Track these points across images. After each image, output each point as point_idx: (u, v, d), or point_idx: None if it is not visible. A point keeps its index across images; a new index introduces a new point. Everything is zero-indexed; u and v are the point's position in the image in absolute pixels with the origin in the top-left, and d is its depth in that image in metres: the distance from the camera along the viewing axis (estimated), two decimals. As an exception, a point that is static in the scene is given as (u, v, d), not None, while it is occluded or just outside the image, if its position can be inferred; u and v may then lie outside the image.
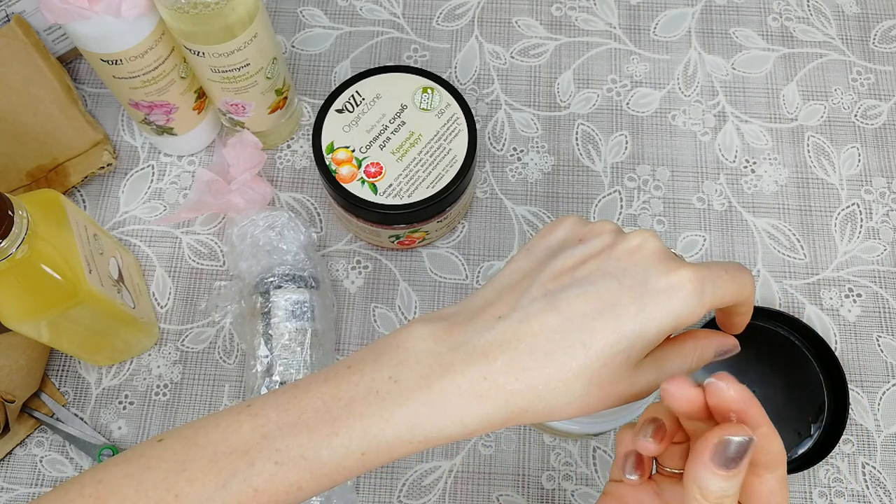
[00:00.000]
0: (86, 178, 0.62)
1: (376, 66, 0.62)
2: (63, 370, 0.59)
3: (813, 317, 0.60)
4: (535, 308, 0.32)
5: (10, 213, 0.43)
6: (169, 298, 0.61)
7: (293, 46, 0.69)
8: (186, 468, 0.31)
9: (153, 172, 0.65)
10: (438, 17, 0.70)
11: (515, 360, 0.31)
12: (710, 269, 0.32)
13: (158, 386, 0.59)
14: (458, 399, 0.31)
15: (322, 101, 0.58)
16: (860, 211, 0.63)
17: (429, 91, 0.57)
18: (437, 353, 0.31)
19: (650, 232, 0.33)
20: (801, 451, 0.56)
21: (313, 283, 0.57)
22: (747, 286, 0.34)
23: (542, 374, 0.31)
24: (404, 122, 0.57)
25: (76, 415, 0.57)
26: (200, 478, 0.31)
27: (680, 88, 0.67)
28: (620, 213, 0.63)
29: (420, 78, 0.58)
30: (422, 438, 0.31)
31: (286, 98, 0.62)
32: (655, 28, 0.70)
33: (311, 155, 0.58)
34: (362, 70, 0.58)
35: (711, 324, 0.57)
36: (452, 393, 0.31)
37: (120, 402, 0.58)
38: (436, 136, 0.56)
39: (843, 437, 0.56)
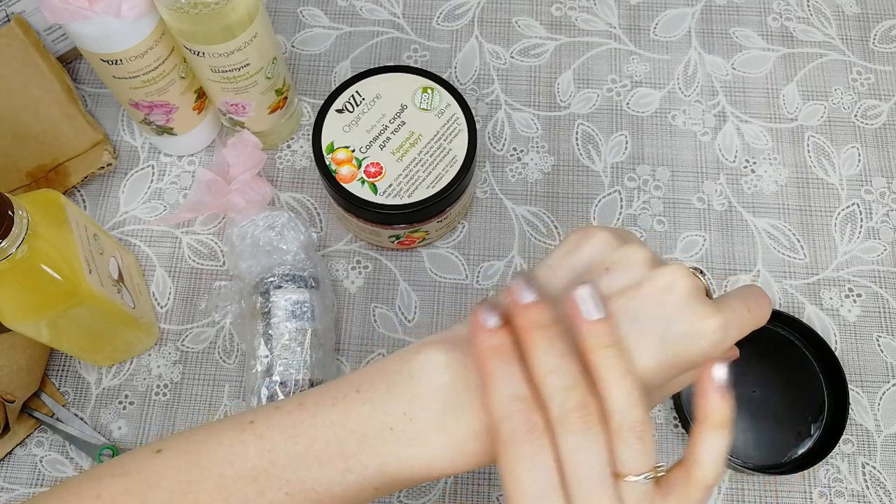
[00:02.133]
0: (86, 178, 0.62)
1: (376, 66, 0.62)
2: (63, 370, 0.59)
3: (813, 317, 0.60)
4: None
5: (10, 213, 0.43)
6: (169, 298, 0.61)
7: (293, 46, 0.69)
8: (191, 490, 0.31)
9: (153, 172, 0.65)
10: (438, 17, 0.70)
11: None
12: (734, 311, 0.32)
13: (158, 386, 0.59)
14: (474, 442, 0.31)
15: (322, 101, 0.58)
16: (860, 211, 0.63)
17: (429, 91, 0.57)
18: (454, 391, 0.31)
19: (682, 270, 0.32)
20: (801, 451, 0.56)
21: (313, 283, 0.57)
22: (765, 317, 0.33)
23: None
24: (404, 122, 0.57)
25: (76, 415, 0.57)
26: (207, 502, 0.30)
27: (680, 88, 0.67)
28: (620, 213, 0.63)
29: (420, 78, 0.58)
30: (436, 475, 0.31)
31: (286, 98, 0.62)
32: (655, 28, 0.70)
33: (311, 155, 0.58)
34: (362, 70, 0.58)
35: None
36: (470, 437, 0.30)
37: (120, 402, 0.58)
38: (436, 136, 0.56)
39: (843, 437, 0.56)
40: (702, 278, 0.33)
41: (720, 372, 0.30)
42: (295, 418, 0.31)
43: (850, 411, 0.58)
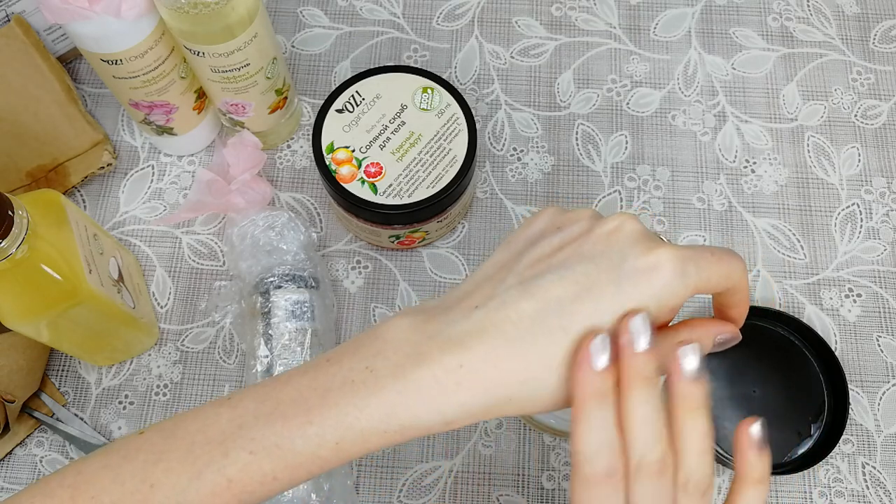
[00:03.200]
0: (86, 178, 0.62)
1: (376, 66, 0.62)
2: (63, 370, 0.59)
3: (813, 317, 0.60)
4: (511, 296, 0.31)
5: (10, 213, 0.43)
6: (169, 298, 0.61)
7: (293, 46, 0.69)
8: (163, 459, 0.32)
9: (153, 172, 0.65)
10: (438, 17, 0.70)
11: (493, 348, 0.30)
12: (693, 249, 0.32)
13: (158, 386, 0.59)
14: (434, 387, 0.30)
15: (322, 101, 0.58)
16: (860, 211, 0.63)
17: (429, 91, 0.57)
18: (414, 342, 0.31)
19: (629, 214, 0.33)
20: (801, 451, 0.56)
21: (313, 283, 0.57)
22: (736, 269, 0.33)
23: (522, 360, 0.30)
24: (404, 122, 0.57)
25: (76, 415, 0.58)
26: (176, 468, 0.31)
27: (680, 88, 0.67)
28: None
29: (420, 78, 0.58)
30: (397, 427, 0.31)
31: (286, 98, 0.62)
32: (655, 28, 0.70)
33: (311, 155, 0.58)
34: (362, 70, 0.58)
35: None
36: (428, 380, 0.30)
37: (120, 402, 0.58)
38: (436, 136, 0.56)
39: (843, 437, 0.56)
40: (660, 236, 0.34)
41: (756, 429, 0.31)
42: (267, 387, 0.33)
43: (850, 411, 0.58)
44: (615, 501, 0.30)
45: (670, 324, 0.35)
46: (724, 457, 0.55)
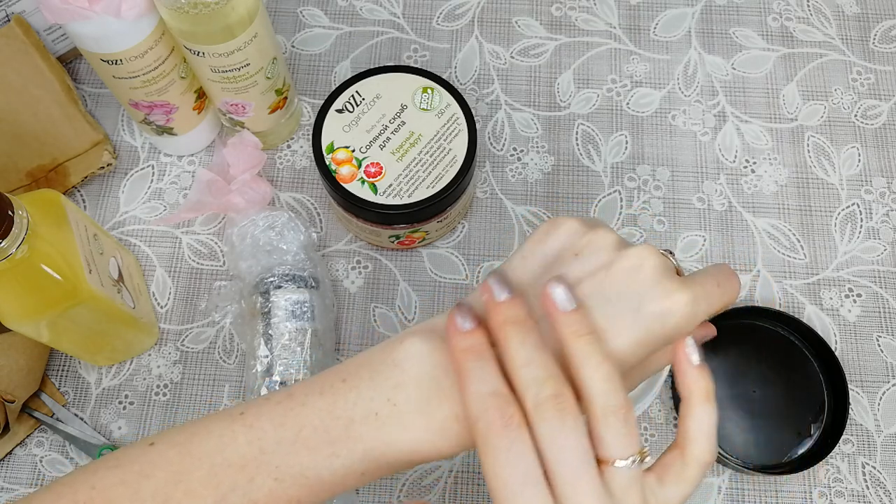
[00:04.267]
0: (86, 178, 0.62)
1: (376, 66, 0.62)
2: (63, 370, 0.59)
3: (813, 317, 0.60)
4: None
5: (10, 213, 0.43)
6: (169, 298, 0.61)
7: (293, 46, 0.69)
8: (183, 479, 0.31)
9: (153, 172, 0.65)
10: (438, 17, 0.70)
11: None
12: (703, 287, 0.32)
13: (158, 386, 0.59)
14: (455, 425, 0.31)
15: (322, 101, 0.58)
16: (860, 211, 0.63)
17: (429, 91, 0.57)
18: (435, 377, 0.31)
19: (649, 249, 0.32)
20: (801, 451, 0.56)
21: (313, 283, 0.57)
22: (736, 293, 0.34)
23: None
24: (404, 122, 0.57)
25: (76, 415, 0.57)
26: (199, 490, 0.31)
27: (680, 88, 0.67)
28: (620, 213, 0.63)
29: (420, 78, 0.58)
30: (419, 459, 0.32)
31: (286, 98, 0.62)
32: (655, 28, 0.70)
33: (311, 155, 0.58)
34: (362, 70, 0.58)
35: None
36: (451, 420, 0.31)
37: (120, 402, 0.58)
38: (436, 136, 0.56)
39: (843, 437, 0.56)
40: (671, 258, 0.34)
41: (691, 348, 0.31)
42: (284, 407, 0.32)
43: (850, 411, 0.58)
44: (520, 450, 0.29)
45: None
46: (724, 457, 0.55)
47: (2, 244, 0.43)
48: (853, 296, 0.61)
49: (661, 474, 0.31)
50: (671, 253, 0.34)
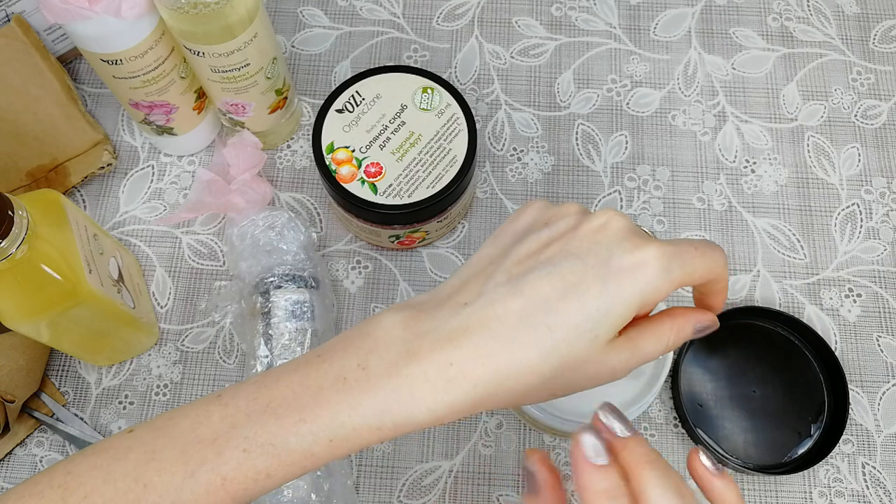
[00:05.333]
0: (86, 178, 0.62)
1: (376, 66, 0.62)
2: (63, 370, 0.59)
3: (813, 317, 0.60)
4: (499, 293, 0.32)
5: (10, 213, 0.43)
6: (169, 298, 0.61)
7: (293, 46, 0.69)
8: (155, 458, 0.32)
9: (153, 172, 0.65)
10: (438, 17, 0.70)
11: (481, 346, 0.31)
12: (677, 245, 0.32)
13: (158, 386, 0.59)
14: (424, 385, 0.31)
15: (322, 101, 0.58)
16: (860, 211, 0.63)
17: (429, 91, 0.57)
18: (405, 340, 0.31)
19: (615, 210, 0.33)
20: (801, 451, 0.56)
21: (313, 283, 0.57)
22: (719, 262, 0.34)
23: (507, 358, 0.31)
24: (404, 122, 0.57)
25: (76, 415, 0.58)
26: (169, 467, 0.31)
27: (680, 88, 0.67)
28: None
29: (420, 78, 0.58)
30: (390, 425, 0.31)
31: (286, 98, 0.62)
32: (655, 28, 0.70)
33: (311, 155, 0.58)
34: (362, 70, 0.58)
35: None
36: (419, 379, 0.31)
37: (120, 402, 0.58)
38: (436, 136, 0.56)
39: (843, 437, 0.56)
40: (644, 228, 0.34)
41: (704, 457, 0.31)
42: (258, 384, 0.33)
43: (850, 411, 0.58)
44: None
45: (652, 313, 0.35)
46: (724, 457, 0.55)
47: (2, 244, 0.43)
48: (853, 296, 0.61)
49: None
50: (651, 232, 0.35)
